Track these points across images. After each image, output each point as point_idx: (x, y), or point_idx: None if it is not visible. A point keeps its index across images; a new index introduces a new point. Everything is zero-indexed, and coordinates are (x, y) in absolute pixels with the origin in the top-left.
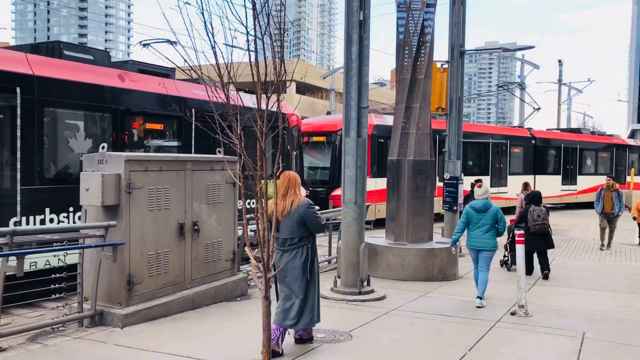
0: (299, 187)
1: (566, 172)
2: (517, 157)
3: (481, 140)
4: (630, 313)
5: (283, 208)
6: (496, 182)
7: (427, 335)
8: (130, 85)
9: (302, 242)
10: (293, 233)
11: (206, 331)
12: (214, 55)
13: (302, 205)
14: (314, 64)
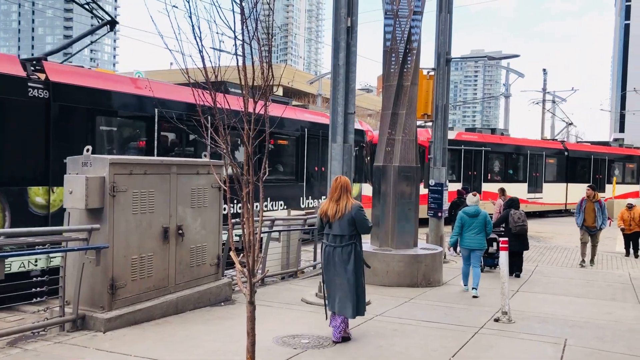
0: (350, 191)
1: (595, 180)
2: (551, 167)
3: (520, 152)
4: (611, 320)
5: (335, 210)
6: (532, 190)
7: (411, 342)
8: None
9: (352, 239)
10: (344, 231)
11: (190, 336)
12: (202, 59)
13: (354, 208)
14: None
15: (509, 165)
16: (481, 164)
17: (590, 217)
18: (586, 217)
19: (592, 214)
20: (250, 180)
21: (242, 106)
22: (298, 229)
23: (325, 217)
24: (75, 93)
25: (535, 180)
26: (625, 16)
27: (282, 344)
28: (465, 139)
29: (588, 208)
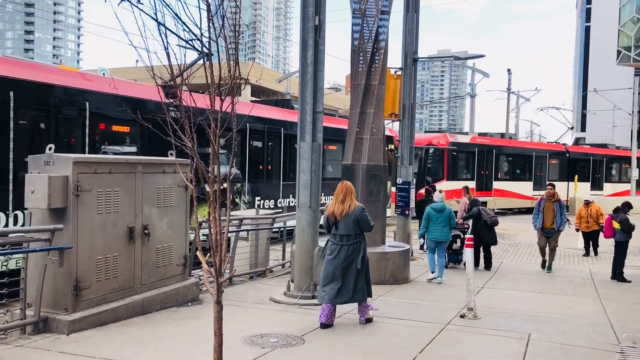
0: (354, 194)
1: (594, 179)
2: (554, 167)
3: (526, 154)
4: (572, 314)
5: (342, 210)
6: (537, 187)
7: (379, 339)
8: None
9: (357, 238)
10: (349, 230)
11: (156, 337)
12: (167, 56)
13: (358, 209)
14: (269, 67)
15: (517, 165)
16: (492, 165)
17: (549, 219)
18: (544, 218)
19: (551, 215)
20: (217, 179)
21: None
22: (266, 228)
23: (332, 216)
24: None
25: (539, 179)
26: (585, 18)
27: (251, 343)
28: (478, 142)
29: (547, 209)
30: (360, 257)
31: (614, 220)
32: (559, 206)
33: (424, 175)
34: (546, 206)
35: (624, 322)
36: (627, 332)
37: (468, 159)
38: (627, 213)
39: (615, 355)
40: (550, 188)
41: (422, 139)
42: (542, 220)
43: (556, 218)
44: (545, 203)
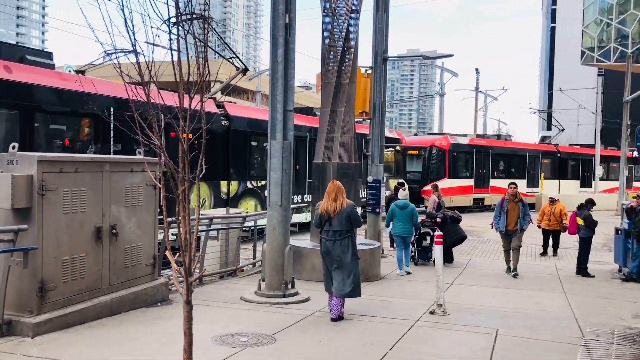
0: (344, 193)
1: (584, 177)
2: (546, 165)
3: (520, 154)
4: (538, 310)
5: (335, 207)
6: (531, 185)
7: (349, 336)
8: None
9: (349, 233)
10: (342, 226)
11: (125, 338)
12: (134, 53)
13: (349, 206)
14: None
15: (512, 164)
16: (489, 164)
17: (512, 220)
18: (508, 220)
19: (515, 216)
20: (186, 178)
21: None
22: (237, 227)
23: (326, 214)
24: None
25: (533, 177)
26: (551, 19)
27: (221, 343)
28: (476, 144)
29: (511, 209)
30: (352, 251)
31: (577, 217)
32: (522, 205)
33: (427, 173)
34: (510, 207)
35: (587, 316)
36: (590, 326)
37: (467, 158)
38: (590, 210)
39: (579, 348)
40: (513, 187)
41: (426, 141)
42: (506, 222)
43: (519, 219)
44: (508, 204)
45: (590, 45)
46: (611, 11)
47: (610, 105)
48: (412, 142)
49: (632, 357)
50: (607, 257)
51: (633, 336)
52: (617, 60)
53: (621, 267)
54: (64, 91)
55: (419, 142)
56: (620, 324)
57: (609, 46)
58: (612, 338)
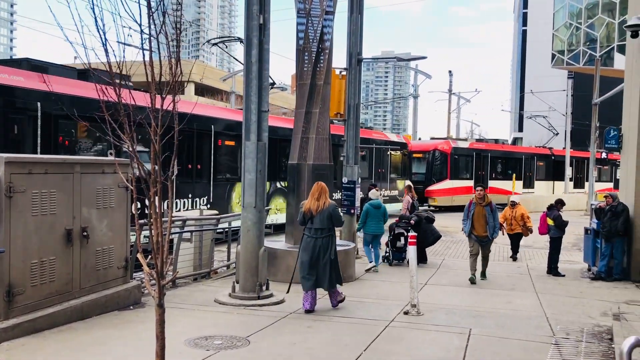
0: (327, 193)
1: (577, 179)
2: (541, 168)
3: (517, 157)
4: (510, 309)
5: (318, 206)
6: (527, 186)
7: (324, 338)
8: None
9: (330, 231)
10: (323, 224)
11: (96, 342)
12: (105, 53)
13: (331, 205)
14: (214, 65)
15: (509, 167)
16: (488, 166)
17: (480, 225)
18: (475, 225)
19: (483, 221)
20: (158, 179)
21: None
22: (210, 229)
23: (308, 212)
24: None
25: (529, 179)
26: (522, 22)
27: (195, 346)
28: (476, 147)
29: (478, 214)
30: (332, 248)
31: (548, 217)
32: (490, 210)
33: (431, 175)
34: (476, 211)
35: (558, 314)
36: (560, 324)
37: (467, 161)
38: (560, 210)
39: (550, 347)
40: (480, 190)
41: (429, 145)
42: (473, 226)
43: (489, 225)
44: (475, 208)
45: (561, 49)
46: (580, 15)
47: (580, 107)
48: (417, 146)
49: (600, 355)
50: (577, 257)
51: (601, 334)
52: (586, 64)
53: (590, 266)
54: None
55: (423, 147)
56: (589, 322)
57: (578, 49)
58: (582, 336)
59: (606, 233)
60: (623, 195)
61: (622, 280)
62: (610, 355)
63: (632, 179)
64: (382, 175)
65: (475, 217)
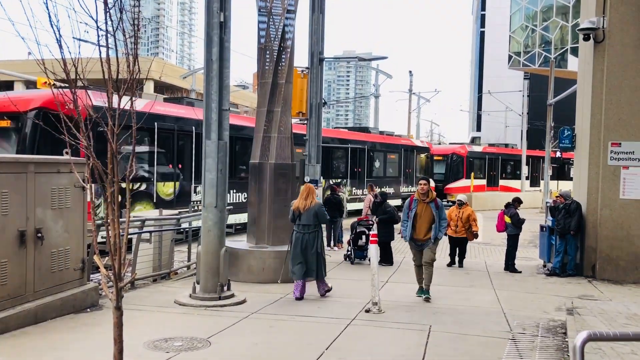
0: (314, 193)
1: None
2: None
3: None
4: (469, 305)
5: (305, 205)
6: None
7: (286, 337)
8: None
9: (316, 228)
10: (310, 221)
11: (51, 347)
12: (60, 49)
13: (317, 204)
14: (173, 63)
15: (517, 168)
16: (499, 167)
17: (422, 226)
18: (417, 227)
19: (426, 222)
20: (115, 180)
21: None
22: (170, 229)
23: (297, 210)
24: None
25: (535, 178)
26: (480, 24)
27: (154, 348)
28: (488, 151)
29: (421, 212)
30: (318, 242)
31: (505, 215)
32: (435, 208)
33: (449, 174)
34: (420, 209)
35: (515, 310)
36: (517, 320)
37: (481, 163)
38: (517, 208)
39: (507, 342)
40: (424, 183)
41: (448, 149)
42: (414, 228)
43: (434, 224)
44: (417, 205)
45: (517, 50)
46: (536, 18)
47: (536, 108)
48: (438, 150)
49: (555, 349)
50: (533, 253)
51: (556, 328)
52: (542, 65)
53: (545, 262)
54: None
55: (442, 150)
56: (545, 317)
57: (534, 51)
58: (537, 331)
59: (560, 230)
60: (576, 194)
61: (576, 275)
62: (564, 349)
63: (584, 177)
64: (409, 175)
65: (418, 217)
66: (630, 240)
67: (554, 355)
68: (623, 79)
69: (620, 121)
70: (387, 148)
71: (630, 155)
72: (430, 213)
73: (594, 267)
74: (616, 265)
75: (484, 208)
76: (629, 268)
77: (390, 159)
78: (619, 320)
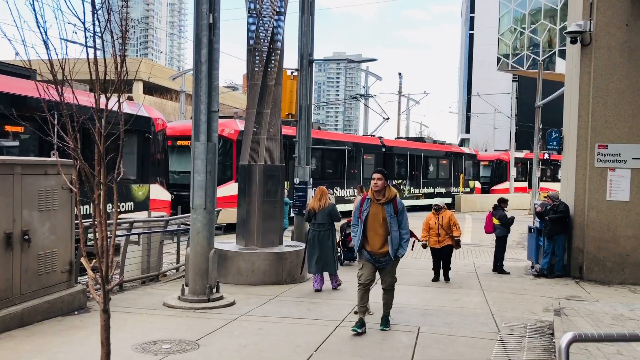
0: (327, 195)
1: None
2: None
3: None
4: (457, 306)
5: (319, 205)
6: None
7: (275, 339)
8: None
9: (329, 226)
10: (324, 220)
11: (38, 350)
12: (46, 49)
13: (330, 204)
14: (163, 64)
15: (555, 172)
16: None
17: (378, 235)
18: (370, 234)
19: (382, 228)
20: (102, 181)
21: None
22: (159, 231)
23: (312, 210)
24: None
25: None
26: (470, 26)
27: (142, 350)
28: (529, 157)
29: (373, 216)
30: (332, 239)
31: (494, 217)
32: (392, 212)
33: (494, 178)
34: (372, 211)
35: (503, 311)
36: (505, 321)
37: (522, 168)
38: (504, 209)
39: (495, 343)
40: (379, 177)
41: (493, 155)
42: (365, 238)
43: (391, 234)
44: (370, 206)
45: (505, 53)
46: (524, 21)
47: (524, 110)
48: (484, 156)
49: (542, 349)
50: (521, 254)
51: (543, 329)
52: (530, 67)
53: (533, 263)
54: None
55: (488, 157)
56: (532, 317)
57: (522, 54)
58: (525, 332)
59: (548, 231)
60: (564, 195)
61: (563, 276)
62: (551, 350)
63: (572, 179)
64: (458, 177)
65: (370, 222)
66: (616, 241)
67: (541, 356)
68: (609, 81)
69: (607, 123)
70: (439, 155)
71: (617, 157)
72: (384, 218)
73: (581, 268)
74: (603, 266)
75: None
76: (615, 269)
77: (442, 164)
78: (606, 321)
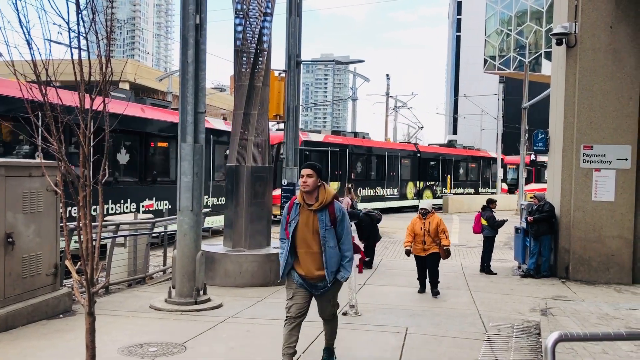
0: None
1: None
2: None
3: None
4: (446, 307)
5: None
6: None
7: (262, 341)
8: None
9: None
10: None
11: (22, 354)
12: (29, 49)
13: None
14: (149, 65)
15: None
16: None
17: (310, 254)
18: (300, 252)
19: (316, 243)
20: (87, 183)
21: None
22: (145, 233)
23: None
24: None
25: None
26: (456, 28)
27: (129, 353)
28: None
29: (303, 225)
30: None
31: (482, 218)
32: (330, 222)
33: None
34: (301, 222)
35: (490, 311)
36: (493, 321)
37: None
38: (493, 210)
39: (482, 343)
40: (309, 173)
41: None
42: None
43: (325, 252)
44: (300, 213)
45: (492, 54)
46: (510, 22)
47: (511, 111)
48: (510, 160)
49: (529, 349)
50: (508, 255)
51: (530, 329)
52: (516, 69)
53: (520, 264)
54: None
55: (514, 160)
56: (519, 317)
57: (508, 55)
58: (512, 332)
59: (535, 232)
60: (550, 195)
61: (550, 276)
62: (538, 349)
63: (558, 179)
64: (486, 179)
65: (300, 236)
66: (602, 241)
67: (528, 355)
68: (594, 83)
69: (592, 124)
70: (467, 159)
71: (602, 158)
72: (316, 230)
73: (567, 268)
74: (589, 266)
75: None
76: (600, 269)
77: (471, 167)
78: (591, 320)
